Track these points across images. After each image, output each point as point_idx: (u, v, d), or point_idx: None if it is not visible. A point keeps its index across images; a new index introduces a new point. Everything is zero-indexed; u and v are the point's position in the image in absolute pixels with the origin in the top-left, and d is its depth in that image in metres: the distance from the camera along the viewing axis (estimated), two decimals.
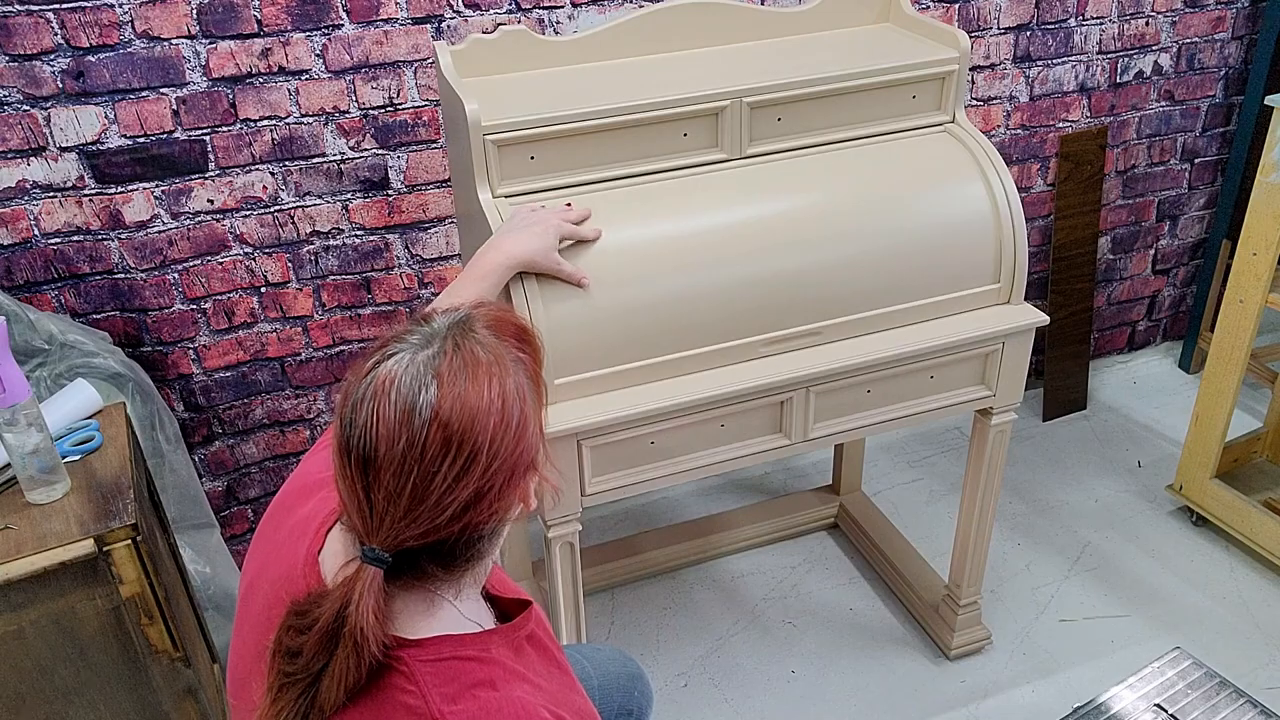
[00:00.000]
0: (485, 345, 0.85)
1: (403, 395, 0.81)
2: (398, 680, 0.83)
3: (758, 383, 1.54)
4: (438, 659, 0.85)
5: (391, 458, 0.80)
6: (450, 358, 0.83)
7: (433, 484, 0.80)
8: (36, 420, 1.33)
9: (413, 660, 0.84)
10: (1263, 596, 2.18)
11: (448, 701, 0.83)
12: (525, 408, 0.85)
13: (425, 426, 0.80)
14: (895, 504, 2.50)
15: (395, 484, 0.80)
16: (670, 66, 1.68)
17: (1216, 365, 2.19)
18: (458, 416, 0.80)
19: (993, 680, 2.03)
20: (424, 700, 0.82)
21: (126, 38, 1.74)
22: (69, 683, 1.36)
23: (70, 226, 1.85)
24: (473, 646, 0.87)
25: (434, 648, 0.85)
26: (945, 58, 1.67)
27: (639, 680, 1.43)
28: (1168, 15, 2.47)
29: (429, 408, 0.80)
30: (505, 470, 0.83)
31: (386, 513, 0.81)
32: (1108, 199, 2.69)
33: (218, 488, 2.19)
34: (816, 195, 1.60)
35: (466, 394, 0.81)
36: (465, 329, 0.86)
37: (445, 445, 0.80)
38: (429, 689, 0.83)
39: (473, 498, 0.82)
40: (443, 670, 0.84)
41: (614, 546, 2.33)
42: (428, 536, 0.82)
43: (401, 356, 0.83)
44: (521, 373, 0.87)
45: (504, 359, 0.85)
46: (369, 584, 0.81)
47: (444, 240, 2.11)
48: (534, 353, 0.91)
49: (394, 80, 1.93)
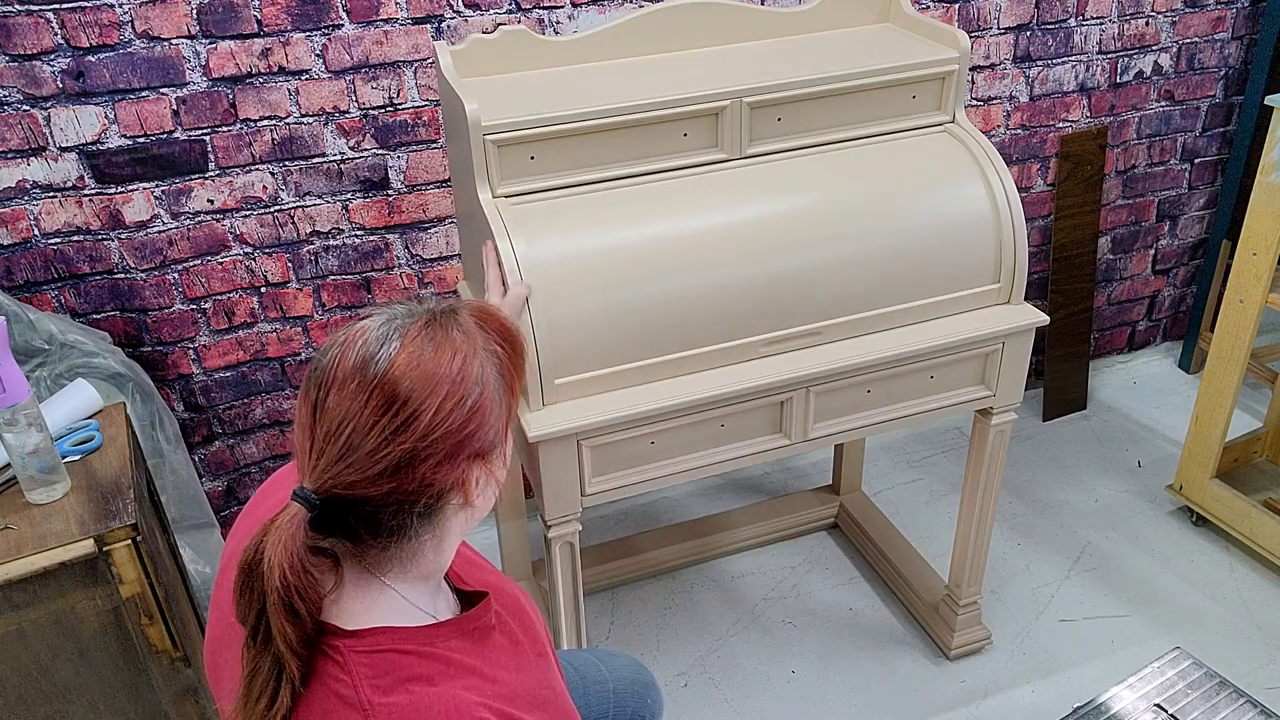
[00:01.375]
0: (463, 328, 0.88)
1: (367, 345, 0.84)
2: (332, 669, 0.84)
3: (758, 383, 1.54)
4: (374, 650, 0.85)
5: (339, 399, 0.83)
6: (422, 325, 0.86)
7: (369, 433, 0.82)
8: (36, 420, 1.33)
9: (348, 650, 0.85)
10: (1263, 596, 2.18)
11: (379, 693, 0.83)
12: (485, 395, 0.86)
13: (377, 377, 0.83)
14: (895, 504, 2.50)
15: (336, 425, 0.83)
16: (670, 66, 1.68)
17: (1216, 365, 2.19)
18: (409, 376, 0.83)
19: (993, 680, 2.03)
20: (355, 690, 0.83)
21: (126, 38, 1.74)
22: (69, 683, 1.36)
23: (70, 226, 1.85)
24: (415, 640, 0.88)
25: (371, 639, 0.86)
26: (945, 58, 1.67)
27: (652, 688, 1.45)
28: (1168, 15, 2.47)
29: (385, 360, 0.83)
30: (445, 445, 0.84)
31: (323, 452, 0.83)
32: (1108, 199, 2.69)
33: (218, 488, 2.19)
34: (816, 195, 1.60)
35: (424, 358, 0.84)
36: (449, 311, 0.89)
37: (390, 399, 0.82)
38: (361, 680, 0.83)
39: (405, 459, 0.83)
40: (378, 661, 0.85)
41: (614, 546, 2.33)
42: (354, 489, 0.83)
43: (380, 315, 0.88)
44: (492, 365, 0.88)
45: (476, 344, 0.87)
46: (289, 519, 0.82)
47: (444, 240, 2.11)
48: (513, 352, 0.92)
49: (394, 80, 1.93)
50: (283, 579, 0.80)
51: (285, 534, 0.81)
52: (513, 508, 2.09)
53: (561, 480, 1.51)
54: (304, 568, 0.81)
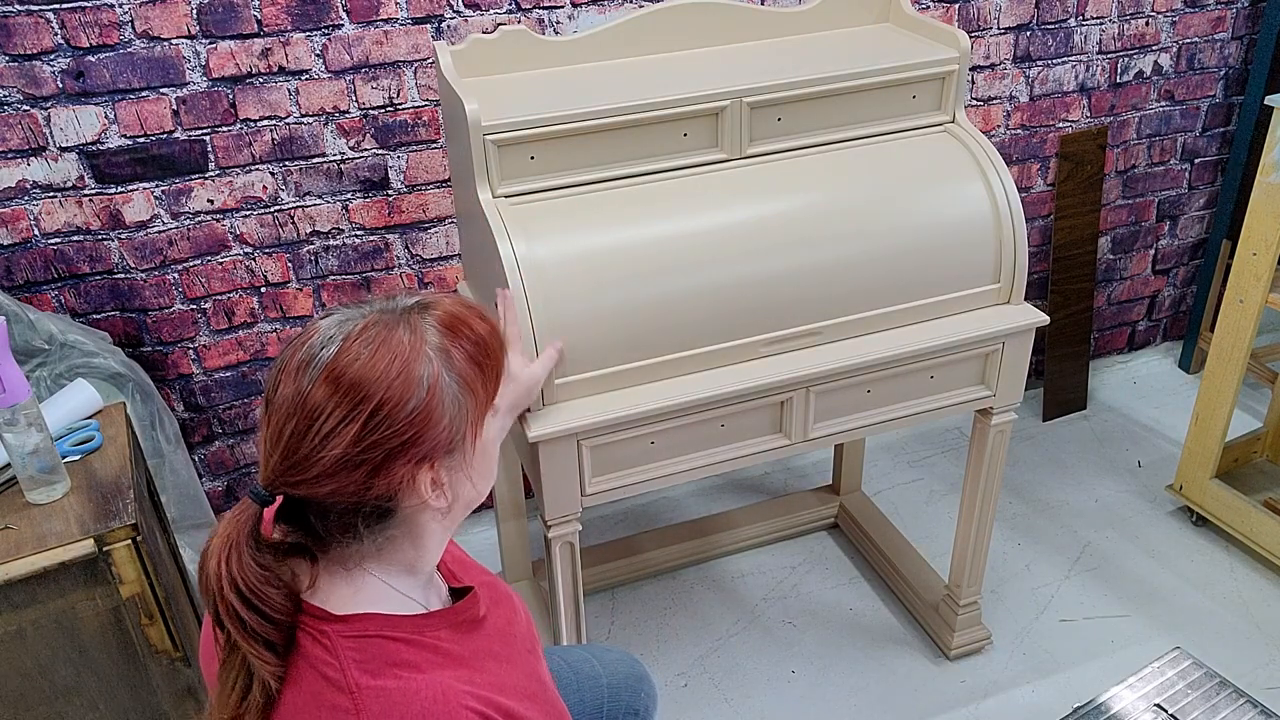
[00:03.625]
0: (413, 328, 0.87)
1: (311, 346, 0.85)
2: (319, 653, 0.85)
3: (757, 383, 1.54)
4: (362, 635, 0.87)
5: (280, 401, 0.84)
6: (366, 328, 0.85)
7: (305, 436, 0.83)
8: (36, 420, 1.33)
9: (335, 635, 0.86)
10: (1263, 596, 2.18)
11: (367, 675, 0.84)
12: (435, 396, 0.85)
13: (314, 380, 0.83)
14: (895, 504, 2.50)
15: (279, 424, 0.84)
16: (670, 66, 1.68)
17: (1216, 365, 2.19)
18: (349, 375, 0.83)
19: (993, 680, 2.03)
20: (341, 673, 0.84)
21: (126, 38, 1.74)
22: (69, 682, 1.36)
23: (70, 226, 1.85)
24: (404, 628, 0.89)
25: (359, 624, 0.87)
26: (945, 58, 1.67)
27: (645, 681, 1.45)
28: (1168, 15, 2.47)
29: (322, 363, 0.83)
30: (380, 450, 0.84)
31: (271, 454, 0.85)
32: (1108, 199, 2.69)
33: (218, 488, 2.19)
34: (816, 195, 1.60)
35: (359, 362, 0.83)
36: (414, 313, 0.88)
37: (325, 400, 0.82)
38: (348, 663, 0.85)
39: (338, 464, 0.83)
40: (366, 646, 0.86)
41: (614, 546, 2.33)
42: (298, 488, 0.84)
43: (338, 315, 0.88)
44: (446, 366, 0.87)
45: (426, 348, 0.86)
46: (237, 513, 0.84)
47: (444, 240, 2.11)
48: (483, 363, 0.90)
49: (394, 80, 1.93)
50: (218, 568, 0.82)
51: (230, 527, 0.83)
52: (513, 508, 2.09)
53: (561, 480, 1.51)
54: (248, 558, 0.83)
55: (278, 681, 0.85)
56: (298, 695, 0.85)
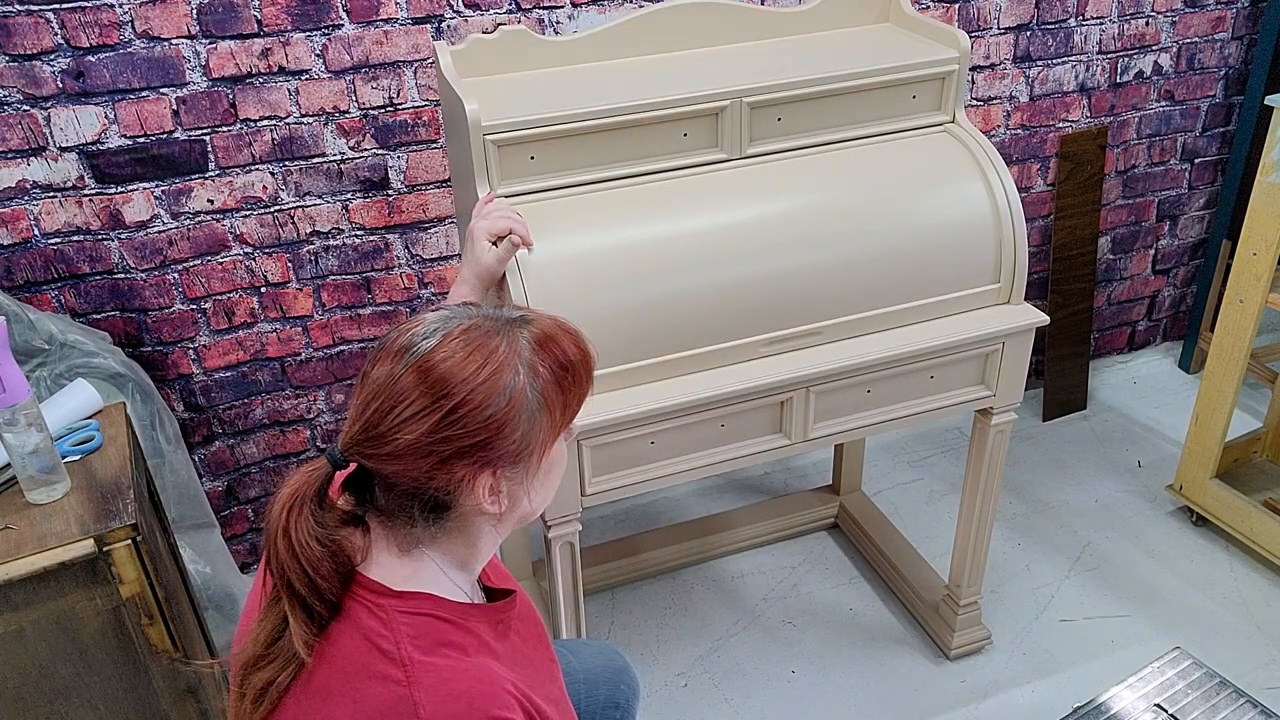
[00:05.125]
0: (511, 340, 0.90)
1: (414, 335, 0.90)
2: (375, 625, 0.88)
3: (758, 383, 1.54)
4: (416, 612, 0.90)
5: (374, 378, 0.89)
6: (468, 330, 0.89)
7: (388, 415, 0.87)
8: (36, 420, 1.33)
9: (392, 609, 0.89)
10: (1263, 596, 2.18)
11: (420, 651, 0.88)
12: (511, 409, 0.88)
13: (407, 365, 0.88)
14: (895, 504, 2.50)
15: (369, 396, 0.89)
16: (670, 66, 1.68)
17: (1216, 365, 2.19)
18: (439, 369, 0.87)
19: (993, 680, 2.03)
20: (396, 645, 0.87)
21: (126, 38, 1.74)
22: (69, 683, 1.36)
23: (70, 226, 1.85)
24: (452, 611, 0.92)
25: (415, 602, 0.91)
26: (945, 58, 1.67)
27: (625, 673, 1.45)
28: (1168, 15, 2.47)
29: (422, 351, 0.88)
30: (458, 441, 0.87)
31: (356, 419, 0.89)
32: (1108, 199, 2.69)
33: (218, 488, 2.19)
34: (816, 195, 1.60)
35: (455, 358, 0.87)
36: (515, 325, 0.92)
37: (413, 387, 0.87)
38: (402, 637, 0.88)
39: (412, 448, 0.87)
40: (418, 624, 0.89)
41: (614, 546, 2.33)
42: (371, 461, 0.89)
43: (446, 311, 0.93)
44: (531, 383, 0.90)
45: (517, 361, 0.89)
46: (310, 468, 0.89)
47: (444, 240, 2.11)
48: (567, 386, 0.94)
49: (394, 80, 1.93)
50: (279, 516, 0.86)
51: (300, 480, 0.88)
52: None
53: (562, 480, 1.50)
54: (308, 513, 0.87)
55: (306, 650, 0.87)
56: (348, 662, 0.87)
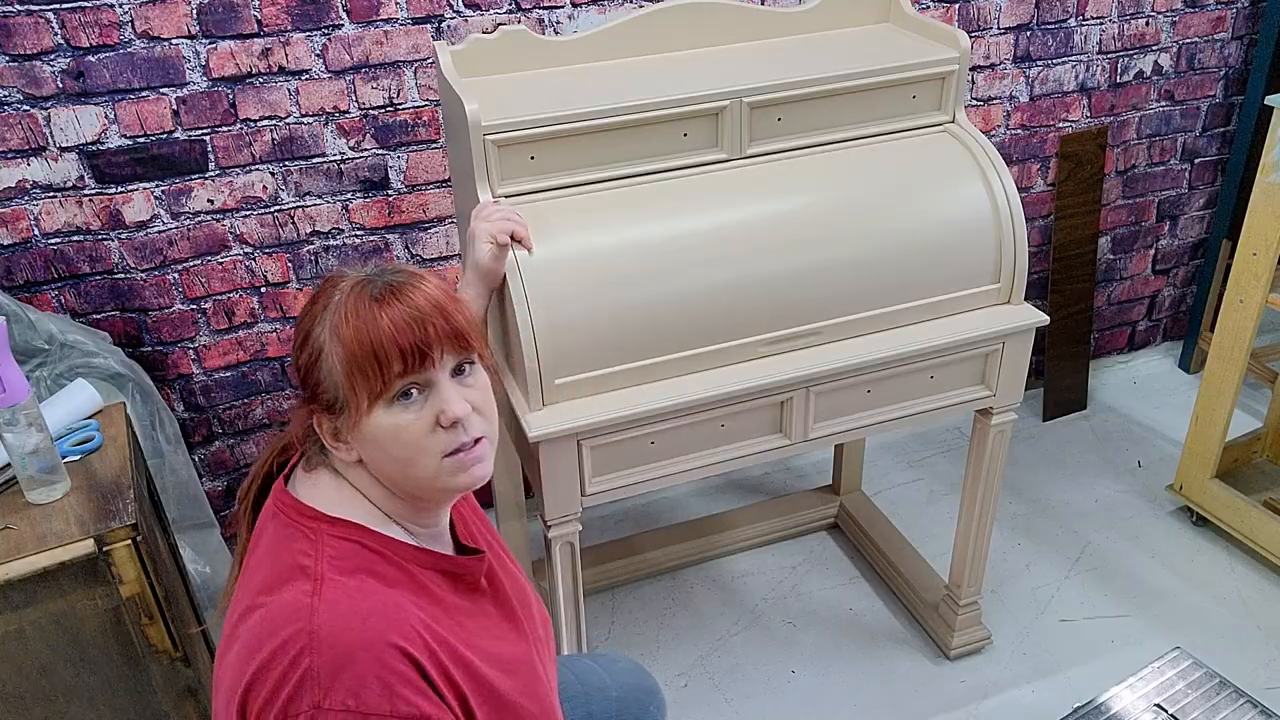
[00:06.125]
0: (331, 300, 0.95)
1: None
2: (303, 544, 0.93)
3: (757, 383, 1.54)
4: (344, 537, 0.95)
5: None
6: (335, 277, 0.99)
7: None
8: (36, 420, 1.33)
9: (323, 532, 0.94)
10: (1263, 596, 2.18)
11: (337, 571, 0.92)
12: (320, 350, 0.94)
13: None
14: (895, 504, 2.50)
15: None
16: (670, 66, 1.68)
17: (1216, 365, 2.19)
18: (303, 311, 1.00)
19: (993, 680, 2.03)
20: (315, 561, 0.92)
21: (126, 38, 1.74)
22: (69, 683, 1.36)
23: (70, 226, 1.85)
24: (383, 544, 0.96)
25: (344, 528, 0.95)
26: (945, 58, 1.67)
27: (654, 695, 1.44)
28: (1168, 15, 2.47)
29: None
30: (302, 380, 0.97)
31: None
32: (1108, 199, 2.69)
33: (218, 488, 2.19)
34: (816, 195, 1.60)
35: (308, 304, 0.99)
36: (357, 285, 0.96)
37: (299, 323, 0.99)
38: (324, 556, 0.92)
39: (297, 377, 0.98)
40: (343, 547, 0.94)
41: (614, 546, 2.33)
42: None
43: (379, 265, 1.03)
44: (333, 348, 0.93)
45: (326, 312, 0.94)
46: None
47: (444, 240, 2.11)
48: (351, 362, 0.92)
49: (394, 80, 1.93)
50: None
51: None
52: (513, 508, 2.09)
53: (561, 480, 1.51)
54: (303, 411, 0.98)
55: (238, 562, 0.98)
56: (273, 572, 0.92)
